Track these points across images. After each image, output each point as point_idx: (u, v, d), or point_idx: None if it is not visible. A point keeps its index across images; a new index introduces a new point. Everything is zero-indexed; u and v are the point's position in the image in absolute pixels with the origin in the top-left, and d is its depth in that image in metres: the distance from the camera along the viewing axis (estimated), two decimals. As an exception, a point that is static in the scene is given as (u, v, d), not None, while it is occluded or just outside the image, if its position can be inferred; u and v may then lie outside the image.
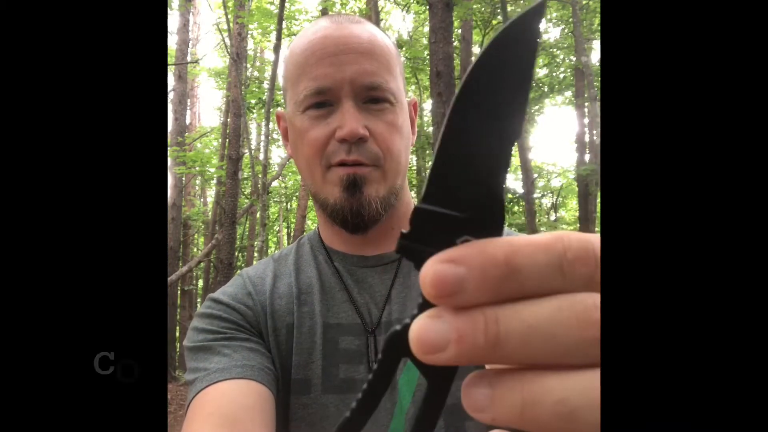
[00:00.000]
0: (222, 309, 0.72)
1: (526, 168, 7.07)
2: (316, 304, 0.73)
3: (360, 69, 0.68)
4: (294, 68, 0.72)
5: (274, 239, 15.93)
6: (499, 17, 8.56)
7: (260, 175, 6.58)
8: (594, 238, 0.20)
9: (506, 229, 0.78)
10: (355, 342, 0.70)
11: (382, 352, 0.23)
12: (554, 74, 10.47)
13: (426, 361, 0.20)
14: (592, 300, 0.20)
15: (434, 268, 0.20)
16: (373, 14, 7.43)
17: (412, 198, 0.82)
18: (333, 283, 0.75)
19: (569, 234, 0.20)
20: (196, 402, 0.62)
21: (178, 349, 8.75)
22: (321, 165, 0.70)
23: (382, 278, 0.75)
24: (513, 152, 0.23)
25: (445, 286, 0.19)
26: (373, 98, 0.69)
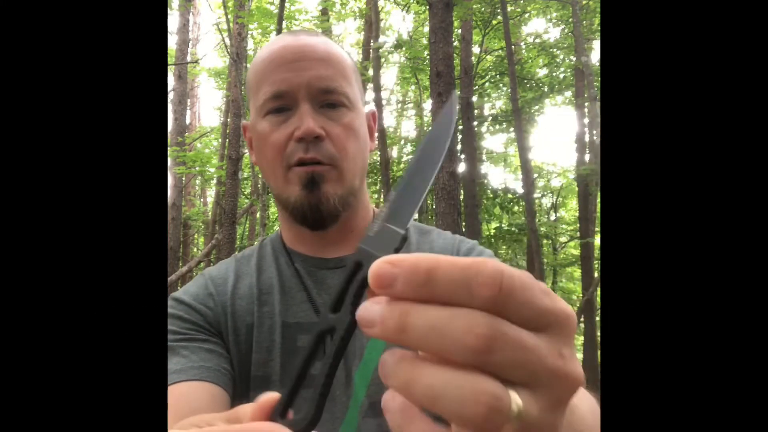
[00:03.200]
0: (183, 309, 0.75)
1: (526, 168, 7.06)
2: (276, 304, 0.76)
3: (316, 74, 0.73)
4: (255, 77, 0.77)
5: (274, 239, 15.85)
6: (499, 17, 8.56)
7: (260, 175, 6.57)
8: (507, 269, 0.25)
9: (477, 245, 0.84)
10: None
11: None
12: (554, 74, 10.47)
13: (365, 334, 0.27)
14: (484, 318, 0.24)
15: (379, 265, 0.26)
16: (373, 14, 7.42)
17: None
18: (293, 284, 0.78)
19: (487, 261, 0.25)
20: None
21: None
22: (282, 166, 0.74)
23: (341, 279, 0.77)
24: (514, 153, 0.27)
25: (382, 279, 0.26)
26: (329, 102, 0.74)
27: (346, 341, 0.29)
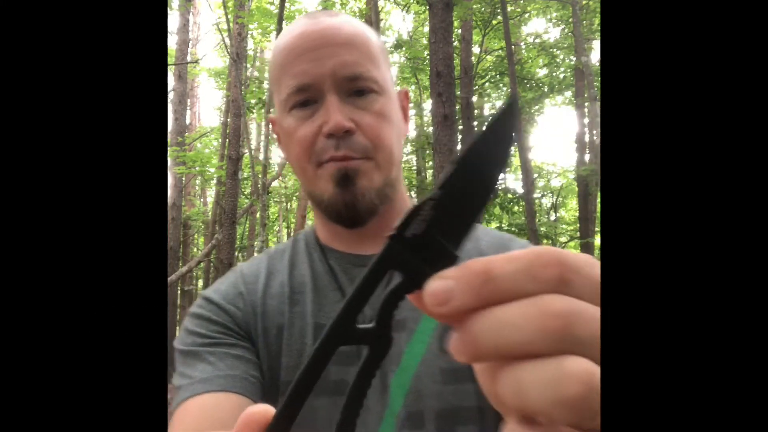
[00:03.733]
0: (212, 310, 0.71)
1: (526, 168, 7.06)
2: (308, 304, 0.71)
3: (340, 61, 0.67)
4: (275, 69, 0.72)
5: (274, 239, 15.92)
6: (499, 17, 8.56)
7: (260, 175, 6.58)
8: (561, 250, 0.24)
9: (518, 240, 0.77)
10: None
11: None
12: (554, 74, 10.47)
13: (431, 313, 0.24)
14: (556, 299, 0.23)
15: (428, 285, 0.24)
16: (373, 14, 7.43)
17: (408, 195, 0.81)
18: (326, 282, 0.73)
19: (541, 247, 0.24)
20: (177, 414, 0.63)
21: (178, 349, 8.71)
22: (311, 163, 0.69)
23: None
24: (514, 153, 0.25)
25: (437, 297, 0.24)
26: (357, 90, 0.68)
27: (379, 360, 0.25)
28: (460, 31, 8.73)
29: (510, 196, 9.65)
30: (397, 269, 0.25)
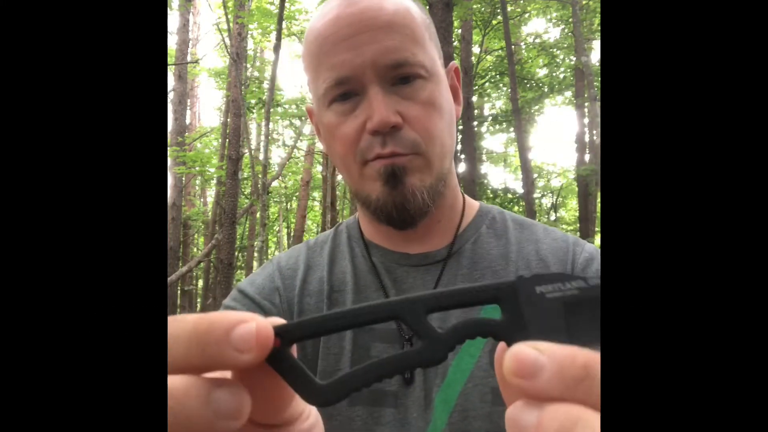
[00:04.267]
0: (247, 305, 0.67)
1: (526, 168, 7.07)
2: (348, 305, 0.64)
3: (380, 48, 0.59)
4: (311, 59, 0.64)
5: (274, 239, 15.93)
6: (499, 17, 8.56)
7: (260, 175, 6.58)
8: None
9: (596, 254, 0.70)
10: (389, 350, 0.64)
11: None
12: (554, 74, 10.47)
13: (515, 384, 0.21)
14: None
15: (520, 348, 0.21)
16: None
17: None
18: (369, 282, 0.68)
19: None
20: None
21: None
22: (356, 162, 0.63)
23: (424, 279, 0.67)
24: (514, 153, 0.24)
25: (525, 366, 0.21)
26: (402, 77, 0.61)
27: (424, 366, 0.24)
28: (460, 31, 8.73)
29: (510, 196, 9.65)
30: (500, 306, 0.24)
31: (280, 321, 0.25)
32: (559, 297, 0.24)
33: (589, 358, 0.21)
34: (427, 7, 4.82)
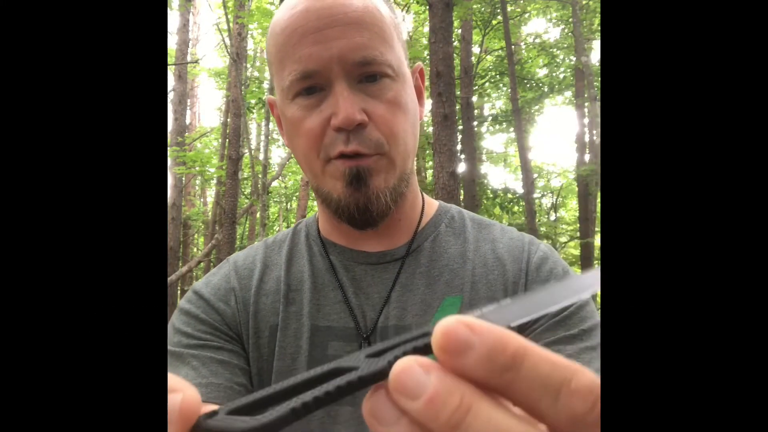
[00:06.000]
0: (201, 307, 0.66)
1: (526, 168, 7.07)
2: (305, 304, 0.66)
3: (349, 43, 0.59)
4: (276, 51, 0.63)
5: (274, 239, 15.87)
6: (499, 17, 8.56)
7: (260, 175, 6.58)
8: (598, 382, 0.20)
9: (550, 255, 0.69)
10: (346, 348, 0.64)
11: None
12: (554, 74, 10.47)
13: (394, 400, 0.20)
14: None
15: (453, 323, 0.20)
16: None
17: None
18: (326, 281, 0.67)
19: (585, 369, 0.20)
20: None
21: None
22: (319, 158, 0.62)
23: (383, 278, 0.67)
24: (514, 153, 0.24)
25: (452, 342, 0.20)
26: (369, 75, 0.60)
27: (360, 387, 0.21)
28: (460, 31, 8.73)
29: (510, 196, 9.64)
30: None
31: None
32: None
33: (520, 347, 0.20)
34: (427, 7, 4.82)
